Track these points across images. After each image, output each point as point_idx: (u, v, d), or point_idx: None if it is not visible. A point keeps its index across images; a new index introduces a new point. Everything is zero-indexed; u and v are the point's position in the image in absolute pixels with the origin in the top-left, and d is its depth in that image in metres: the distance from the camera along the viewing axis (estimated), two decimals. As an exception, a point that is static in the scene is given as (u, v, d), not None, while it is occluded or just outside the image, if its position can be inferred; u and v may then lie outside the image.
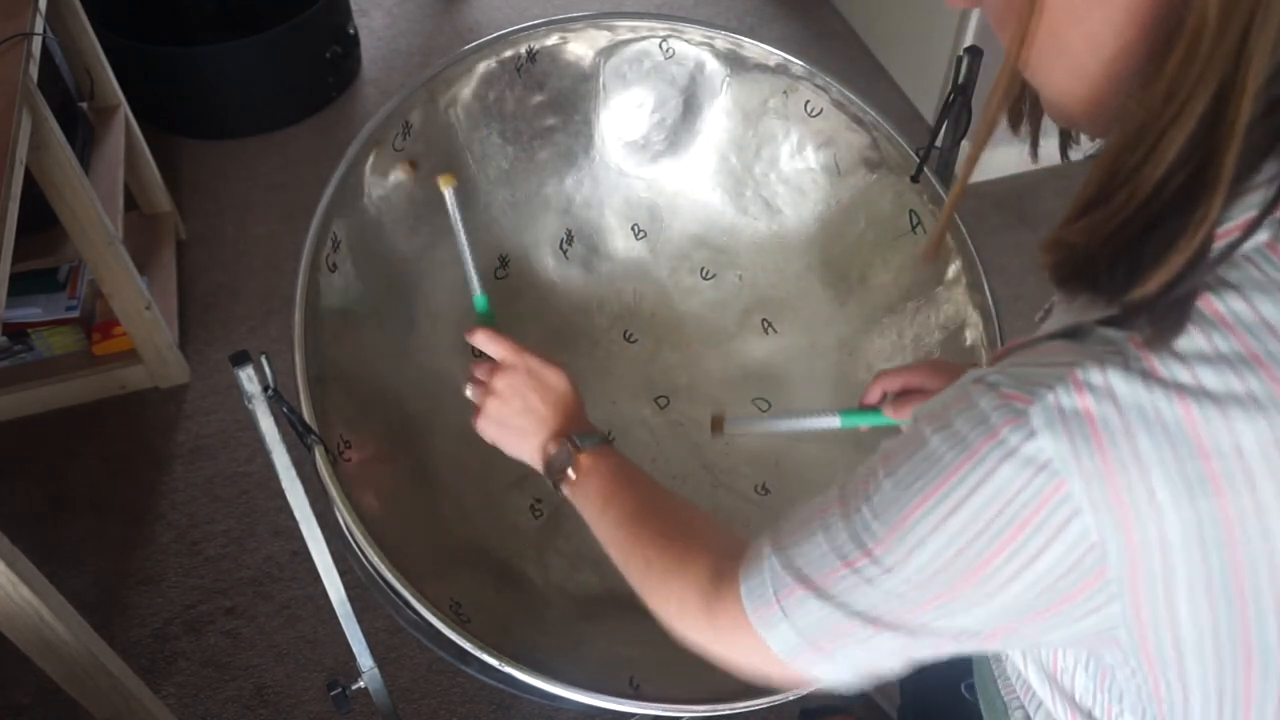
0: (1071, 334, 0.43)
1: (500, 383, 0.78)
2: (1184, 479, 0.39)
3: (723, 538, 0.63)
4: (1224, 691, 0.45)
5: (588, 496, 0.73)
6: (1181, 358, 0.40)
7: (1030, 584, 0.43)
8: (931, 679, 0.90)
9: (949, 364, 0.90)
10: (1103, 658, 0.49)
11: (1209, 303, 0.40)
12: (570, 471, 0.73)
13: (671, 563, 0.63)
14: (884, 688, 1.47)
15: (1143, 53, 0.41)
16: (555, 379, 0.78)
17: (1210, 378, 0.39)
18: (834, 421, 0.89)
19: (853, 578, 0.48)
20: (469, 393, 0.81)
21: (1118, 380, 0.40)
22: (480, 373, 0.81)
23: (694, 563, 0.61)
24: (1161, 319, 0.41)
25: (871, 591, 0.47)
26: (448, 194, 0.89)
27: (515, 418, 0.78)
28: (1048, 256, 0.46)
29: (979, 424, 0.43)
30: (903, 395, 0.88)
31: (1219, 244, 0.40)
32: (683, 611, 0.61)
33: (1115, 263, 0.42)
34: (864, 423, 0.90)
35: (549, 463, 0.76)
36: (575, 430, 0.76)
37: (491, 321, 0.87)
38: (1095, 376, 0.40)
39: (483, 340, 0.81)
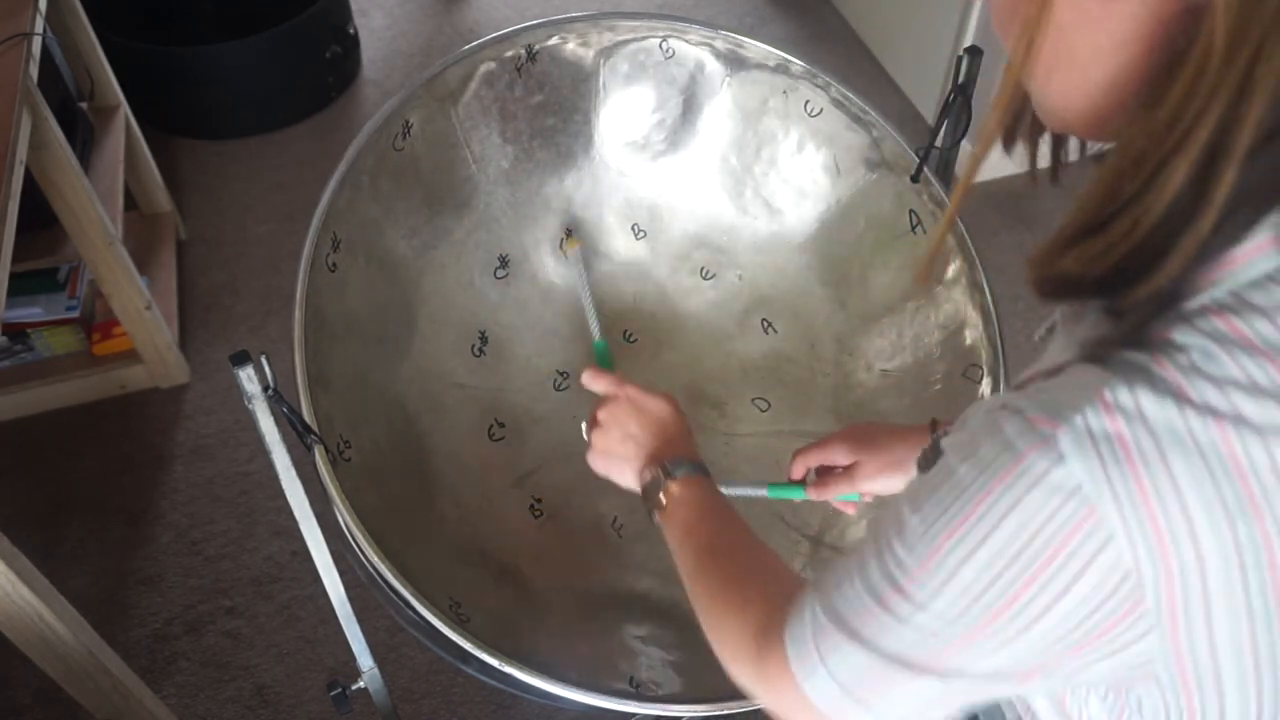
0: (1093, 358, 0.42)
1: (603, 413, 0.80)
2: (1221, 502, 0.38)
3: (784, 585, 0.62)
4: (1263, 712, 0.44)
5: (672, 525, 0.72)
6: (1213, 380, 0.39)
7: (1064, 617, 0.42)
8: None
9: (872, 429, 0.87)
10: (1132, 689, 0.47)
11: (1233, 325, 0.40)
12: (661, 497, 0.73)
13: (732, 605, 0.62)
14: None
15: (1145, 73, 0.41)
16: (656, 405, 0.79)
17: (1243, 400, 0.39)
18: (762, 492, 0.92)
19: (885, 617, 0.46)
20: (586, 433, 0.82)
21: (1148, 402, 0.39)
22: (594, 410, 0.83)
23: (751, 608, 0.60)
24: (1146, 320, 0.41)
25: (904, 631, 0.46)
26: (575, 254, 1.05)
27: (616, 446, 0.79)
28: (1036, 275, 0.46)
29: (1004, 450, 0.41)
30: (824, 472, 0.88)
31: (1239, 265, 0.40)
32: (735, 656, 0.60)
33: (1114, 280, 0.42)
34: (789, 496, 0.91)
35: (644, 490, 0.76)
36: (672, 455, 0.75)
37: (606, 364, 0.89)
38: (1125, 398, 0.39)
39: (589, 379, 0.82)
